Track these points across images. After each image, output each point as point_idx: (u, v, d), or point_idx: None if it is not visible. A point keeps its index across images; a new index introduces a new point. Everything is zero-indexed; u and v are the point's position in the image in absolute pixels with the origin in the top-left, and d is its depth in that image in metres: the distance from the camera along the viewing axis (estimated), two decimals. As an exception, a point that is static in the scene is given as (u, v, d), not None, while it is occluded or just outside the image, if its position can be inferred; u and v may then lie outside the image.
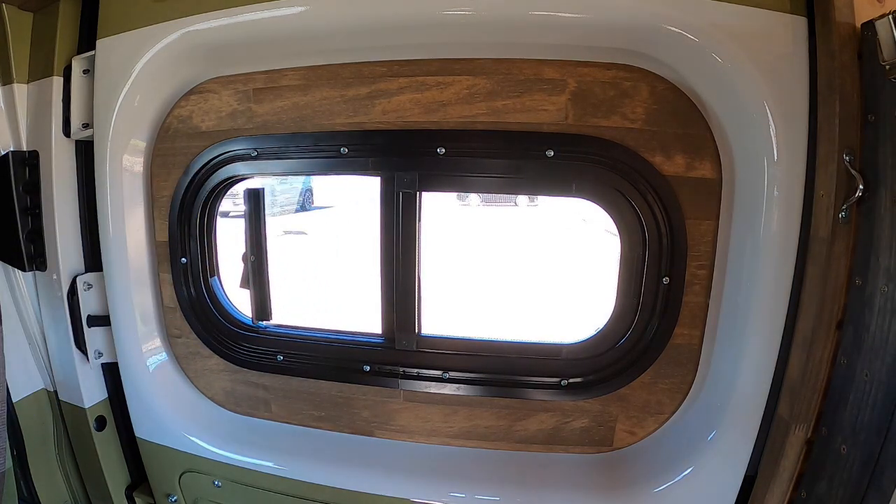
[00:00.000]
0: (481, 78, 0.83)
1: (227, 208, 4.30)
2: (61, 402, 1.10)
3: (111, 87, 0.91)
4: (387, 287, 0.96)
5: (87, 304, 1.03)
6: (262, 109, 0.93)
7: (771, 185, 0.73)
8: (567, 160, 0.83)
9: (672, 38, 0.72)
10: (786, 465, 0.74)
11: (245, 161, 0.96)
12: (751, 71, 0.69)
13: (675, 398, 0.89)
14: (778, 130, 0.70)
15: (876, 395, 0.61)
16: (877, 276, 0.61)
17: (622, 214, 0.85)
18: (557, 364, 0.93)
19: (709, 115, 0.78)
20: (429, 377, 0.96)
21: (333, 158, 0.91)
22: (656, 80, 0.79)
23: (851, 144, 0.64)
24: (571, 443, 0.94)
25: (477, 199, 16.34)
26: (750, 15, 0.69)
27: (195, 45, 0.87)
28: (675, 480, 0.85)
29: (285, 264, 6.86)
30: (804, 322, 0.72)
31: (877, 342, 0.61)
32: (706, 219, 0.82)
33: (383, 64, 0.87)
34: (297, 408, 1.04)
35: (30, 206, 1.00)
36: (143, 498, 1.16)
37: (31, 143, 0.99)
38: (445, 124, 0.86)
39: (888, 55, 0.58)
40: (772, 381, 0.77)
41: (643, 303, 0.87)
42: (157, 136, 1.00)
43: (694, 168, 0.80)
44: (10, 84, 0.97)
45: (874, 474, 0.61)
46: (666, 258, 0.84)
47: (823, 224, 0.68)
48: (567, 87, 0.81)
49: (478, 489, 0.93)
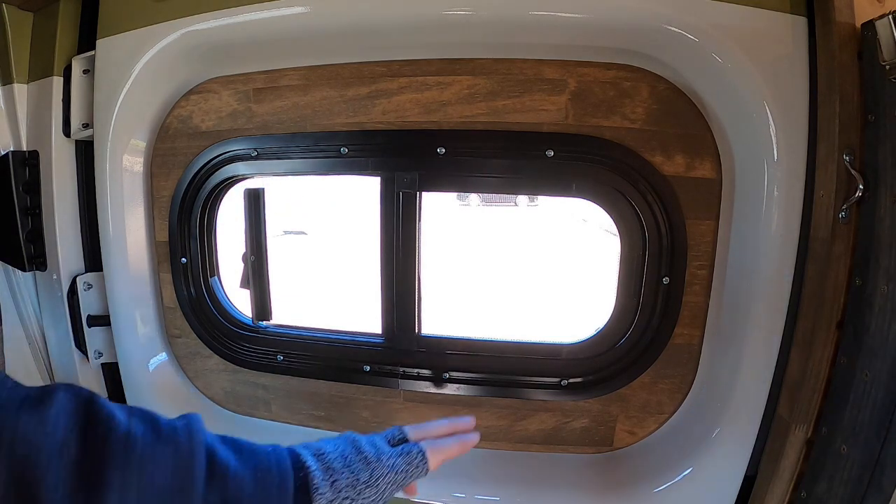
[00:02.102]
0: (481, 78, 0.83)
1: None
2: (61, 402, 1.09)
3: (111, 87, 0.91)
4: (387, 287, 0.96)
5: (87, 304, 1.03)
6: (263, 109, 0.93)
7: (771, 185, 0.73)
8: (567, 160, 0.83)
9: (672, 38, 0.72)
10: (786, 465, 0.74)
11: (245, 161, 0.96)
12: (751, 71, 0.69)
13: (675, 398, 0.89)
14: (778, 130, 0.70)
15: (876, 395, 0.61)
16: (877, 276, 0.61)
17: (622, 214, 0.85)
18: (557, 364, 0.93)
19: (709, 115, 0.78)
20: (429, 377, 0.96)
21: (333, 158, 0.91)
22: (656, 80, 0.79)
23: (851, 144, 0.64)
24: (571, 443, 0.94)
25: (477, 199, 16.37)
26: (750, 15, 0.69)
27: (195, 45, 0.87)
28: (675, 480, 0.85)
29: (285, 264, 6.86)
30: (804, 322, 0.72)
31: (877, 342, 0.61)
32: (706, 219, 0.82)
33: (383, 64, 0.87)
34: (297, 408, 1.04)
35: (30, 206, 1.00)
36: (143, 498, 1.16)
37: (31, 143, 0.99)
38: (445, 124, 0.86)
39: (888, 55, 0.58)
40: (772, 381, 0.77)
41: (643, 303, 0.87)
42: (157, 136, 1.00)
43: (694, 168, 0.81)
44: (10, 84, 0.97)
45: (874, 474, 0.61)
46: (666, 258, 0.84)
47: (823, 224, 0.68)
48: (567, 87, 0.81)
49: (478, 489, 0.93)
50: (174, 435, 0.40)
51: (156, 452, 0.38)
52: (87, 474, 0.34)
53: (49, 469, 0.33)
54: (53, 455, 0.33)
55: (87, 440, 0.35)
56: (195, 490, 0.39)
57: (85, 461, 0.35)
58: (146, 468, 0.37)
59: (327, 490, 0.47)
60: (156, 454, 0.38)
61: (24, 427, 0.32)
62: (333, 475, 0.48)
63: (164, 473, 0.38)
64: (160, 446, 0.38)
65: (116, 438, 0.36)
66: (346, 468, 0.49)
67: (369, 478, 0.50)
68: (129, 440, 0.37)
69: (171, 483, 0.38)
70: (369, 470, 0.50)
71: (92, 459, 0.35)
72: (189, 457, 0.40)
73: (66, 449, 0.34)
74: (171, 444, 0.39)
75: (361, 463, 0.50)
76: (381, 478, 0.50)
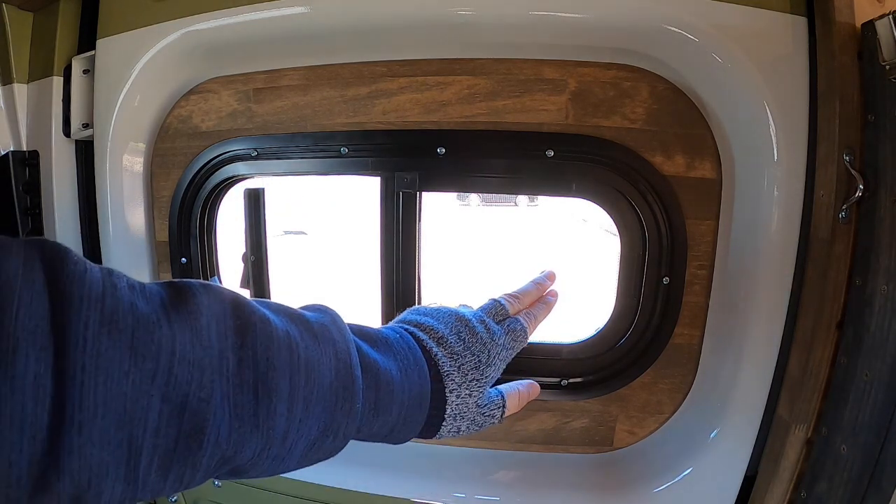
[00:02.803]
0: (481, 78, 0.83)
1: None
2: (61, 402, 1.10)
3: (111, 87, 0.91)
4: (387, 287, 0.96)
5: (87, 304, 1.03)
6: (263, 109, 0.93)
7: (771, 185, 0.73)
8: (567, 160, 0.83)
9: (672, 38, 0.72)
10: (786, 465, 0.74)
11: (245, 161, 0.96)
12: (751, 71, 0.69)
13: (675, 398, 0.89)
14: (778, 130, 0.70)
15: (876, 395, 0.61)
16: (877, 277, 0.61)
17: (622, 214, 0.85)
18: (557, 364, 0.93)
19: (709, 115, 0.78)
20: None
21: (333, 158, 0.91)
22: (656, 80, 0.79)
23: (851, 144, 0.64)
24: (571, 443, 0.94)
25: (477, 199, 16.36)
26: (750, 15, 0.69)
27: (195, 45, 0.87)
28: (675, 480, 0.85)
29: (285, 264, 6.86)
30: (804, 322, 0.72)
31: (877, 342, 0.61)
32: (706, 219, 0.82)
33: (383, 64, 0.87)
34: (297, 408, 1.04)
35: (30, 206, 1.00)
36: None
37: (31, 143, 0.99)
38: (446, 124, 0.86)
39: (888, 55, 0.57)
40: (772, 381, 0.77)
41: (643, 303, 0.87)
42: (157, 136, 1.00)
43: (694, 168, 0.80)
44: (10, 84, 0.97)
45: (874, 474, 0.61)
46: (666, 258, 0.84)
47: (823, 224, 0.68)
48: (567, 87, 0.81)
49: (478, 489, 0.93)
50: (328, 334, 0.38)
51: (318, 354, 0.36)
52: (253, 384, 0.31)
53: (214, 387, 0.29)
54: (216, 370, 0.30)
55: (247, 345, 0.32)
56: (356, 386, 0.38)
57: (248, 369, 0.31)
58: (312, 370, 0.35)
59: (456, 374, 0.47)
60: (319, 356, 0.36)
61: (181, 344, 0.28)
62: (458, 359, 0.48)
63: (329, 374, 0.36)
64: (321, 346, 0.37)
65: (277, 343, 0.33)
66: (467, 350, 0.49)
67: (488, 357, 0.50)
68: (291, 344, 0.34)
69: (336, 382, 0.37)
70: (487, 350, 0.50)
71: (255, 367, 0.32)
72: (346, 355, 0.38)
73: (225, 362, 0.30)
74: (330, 345, 0.37)
75: (479, 344, 0.50)
76: (496, 356, 0.51)
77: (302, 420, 0.34)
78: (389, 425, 0.43)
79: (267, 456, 0.33)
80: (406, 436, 0.46)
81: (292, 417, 0.33)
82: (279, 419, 0.32)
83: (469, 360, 0.49)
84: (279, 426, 0.32)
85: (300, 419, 0.34)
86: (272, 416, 0.32)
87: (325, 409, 0.36)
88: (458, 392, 0.48)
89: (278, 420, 0.32)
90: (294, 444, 0.34)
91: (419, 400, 0.44)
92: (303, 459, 0.37)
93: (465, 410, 0.48)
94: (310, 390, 0.34)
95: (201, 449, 0.29)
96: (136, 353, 0.26)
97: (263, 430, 0.32)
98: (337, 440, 0.38)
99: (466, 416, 0.49)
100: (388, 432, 0.44)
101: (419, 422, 0.45)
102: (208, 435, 0.29)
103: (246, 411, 0.31)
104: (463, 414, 0.48)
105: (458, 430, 0.49)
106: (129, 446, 0.26)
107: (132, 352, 0.26)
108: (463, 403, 0.48)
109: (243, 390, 0.31)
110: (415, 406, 0.44)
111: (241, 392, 0.31)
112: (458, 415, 0.48)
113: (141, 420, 0.26)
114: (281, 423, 0.32)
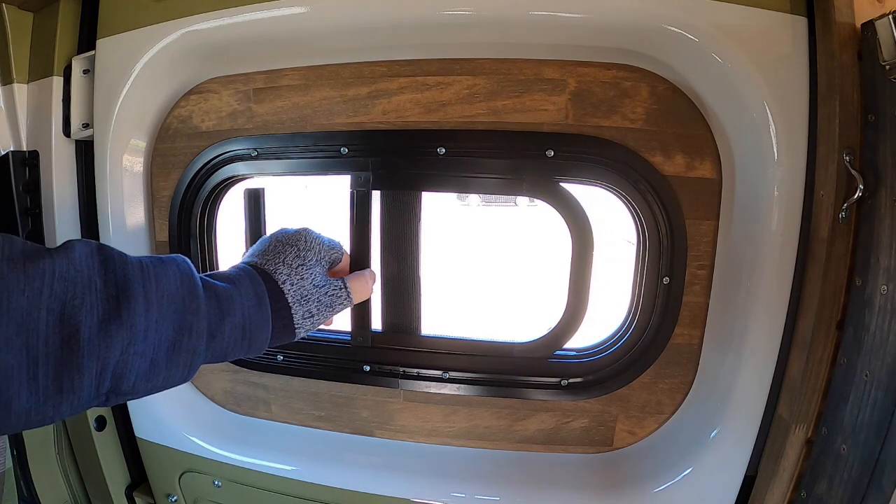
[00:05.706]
0: (481, 78, 0.83)
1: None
2: (61, 402, 1.10)
3: (111, 87, 0.91)
4: (387, 287, 0.96)
5: (87, 304, 1.03)
6: (262, 109, 0.93)
7: (771, 185, 0.73)
8: (567, 160, 0.83)
9: (672, 38, 0.72)
10: (786, 465, 0.74)
11: (245, 161, 0.96)
12: (751, 71, 0.69)
13: (675, 398, 0.89)
14: (778, 130, 0.70)
15: (876, 395, 0.61)
16: (877, 277, 0.61)
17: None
18: (558, 364, 0.93)
19: (709, 115, 0.78)
20: (429, 377, 0.96)
21: (333, 158, 0.91)
22: (656, 80, 0.79)
23: (851, 144, 0.64)
24: (571, 443, 0.94)
25: (477, 199, 16.35)
26: (750, 15, 0.69)
27: (195, 45, 0.87)
28: (675, 480, 0.85)
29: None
30: (804, 322, 0.72)
31: (877, 342, 0.61)
32: (706, 219, 0.82)
33: (383, 64, 0.87)
34: (297, 408, 1.04)
35: (30, 206, 1.00)
36: (143, 498, 1.16)
37: (31, 143, 0.99)
38: (446, 124, 0.86)
39: (888, 55, 0.58)
40: (772, 381, 0.77)
41: (643, 303, 0.87)
42: (157, 136, 1.00)
43: (694, 168, 0.80)
44: (10, 84, 0.97)
45: (874, 474, 0.61)
46: (666, 258, 0.84)
47: (823, 224, 0.68)
48: (567, 87, 0.81)
49: (478, 489, 0.93)
50: (172, 261, 0.50)
51: (164, 269, 0.48)
52: (115, 295, 0.42)
53: (84, 297, 0.40)
54: (86, 286, 0.40)
55: (109, 270, 0.43)
56: (198, 293, 0.49)
57: (111, 285, 0.43)
58: (161, 279, 0.46)
59: (283, 267, 0.59)
60: (165, 270, 0.48)
61: (59, 268, 0.39)
62: (280, 256, 0.61)
63: (174, 282, 0.48)
64: (166, 266, 0.48)
65: (132, 265, 0.45)
66: (286, 247, 0.63)
67: (306, 243, 0.64)
68: (142, 265, 0.46)
69: (181, 289, 0.48)
70: (301, 238, 0.64)
71: (116, 283, 0.43)
72: (188, 271, 0.50)
73: (93, 280, 0.41)
74: (173, 264, 0.49)
75: (292, 238, 0.64)
76: (313, 241, 0.65)
77: (158, 320, 0.45)
78: (240, 326, 0.52)
79: (134, 352, 0.42)
80: (263, 335, 0.55)
81: (149, 316, 0.44)
82: (138, 318, 0.43)
83: (290, 252, 0.61)
84: (139, 324, 0.43)
85: (156, 319, 0.44)
86: (132, 314, 0.42)
87: (176, 311, 0.46)
88: (291, 280, 0.58)
89: (138, 319, 0.43)
90: (157, 344, 0.44)
91: (257, 300, 0.54)
92: (171, 362, 0.46)
93: (305, 293, 0.59)
94: (161, 295, 0.45)
95: (80, 349, 0.38)
96: (27, 276, 0.37)
97: (127, 326, 0.42)
98: (192, 339, 0.47)
99: (311, 298, 0.59)
100: (242, 335, 0.53)
101: (266, 316, 0.55)
102: (83, 334, 0.39)
103: (111, 313, 0.41)
104: (305, 297, 0.58)
105: (311, 315, 0.59)
106: (27, 352, 0.36)
107: (25, 275, 0.37)
108: (300, 287, 0.58)
109: (107, 296, 0.42)
110: (255, 306, 0.54)
111: (105, 298, 0.42)
112: (301, 298, 0.58)
113: (34, 329, 0.36)
114: (140, 321, 0.43)
